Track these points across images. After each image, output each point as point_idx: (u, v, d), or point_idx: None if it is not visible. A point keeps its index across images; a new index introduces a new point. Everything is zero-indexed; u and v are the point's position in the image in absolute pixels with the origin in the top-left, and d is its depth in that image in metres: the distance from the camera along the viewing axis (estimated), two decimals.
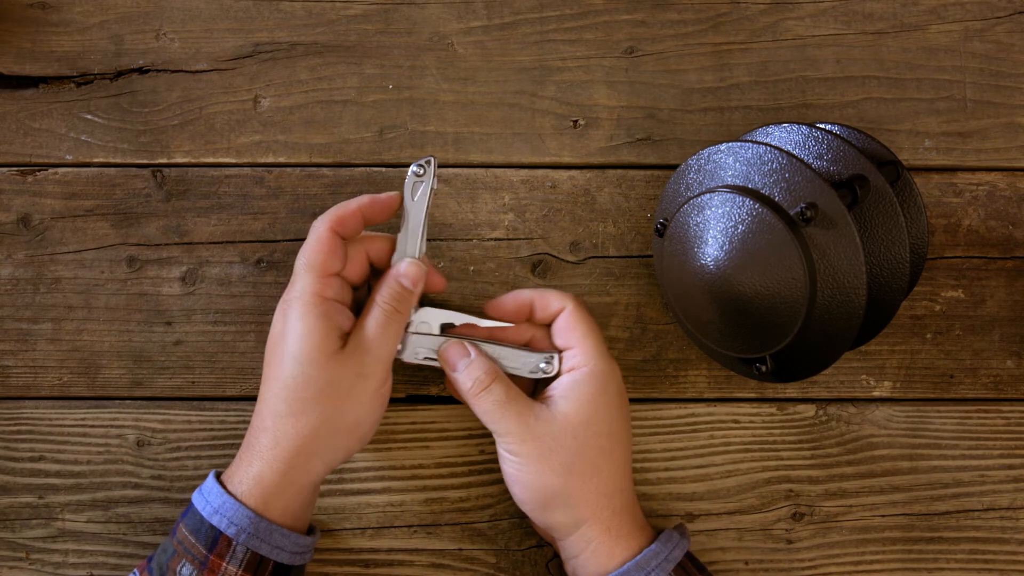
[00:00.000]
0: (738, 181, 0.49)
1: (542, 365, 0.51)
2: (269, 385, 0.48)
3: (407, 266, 0.50)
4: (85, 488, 0.56)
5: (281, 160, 0.58)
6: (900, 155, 0.58)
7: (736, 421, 0.57)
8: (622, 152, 0.58)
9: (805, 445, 0.57)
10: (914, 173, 0.58)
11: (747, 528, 0.56)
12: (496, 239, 0.58)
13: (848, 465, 0.57)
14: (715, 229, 0.49)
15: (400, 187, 0.54)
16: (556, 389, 0.49)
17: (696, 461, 0.57)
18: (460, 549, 0.56)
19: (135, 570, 0.48)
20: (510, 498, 0.56)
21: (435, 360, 0.51)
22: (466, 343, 0.50)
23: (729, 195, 0.48)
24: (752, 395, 0.57)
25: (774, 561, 0.56)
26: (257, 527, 0.46)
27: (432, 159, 0.50)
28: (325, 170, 0.58)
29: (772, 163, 0.48)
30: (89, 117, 0.58)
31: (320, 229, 0.49)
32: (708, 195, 0.49)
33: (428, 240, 0.57)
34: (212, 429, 0.56)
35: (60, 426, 0.56)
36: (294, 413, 0.47)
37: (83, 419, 0.56)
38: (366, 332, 0.48)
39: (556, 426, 0.47)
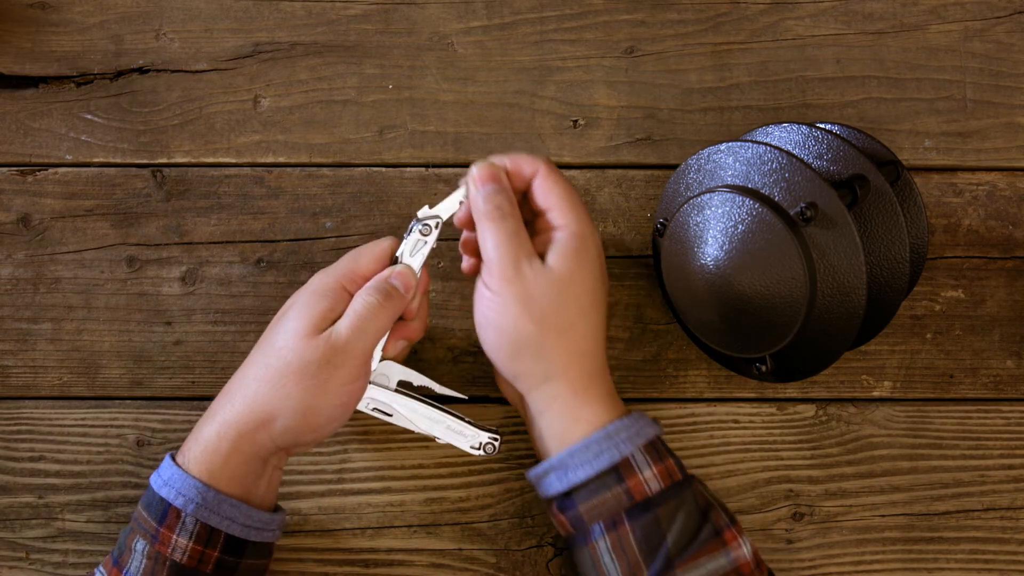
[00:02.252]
0: (738, 181, 0.49)
1: (484, 441, 0.51)
2: (247, 359, 0.49)
3: (402, 268, 0.50)
4: (85, 488, 0.56)
5: (281, 160, 0.58)
6: (900, 155, 0.58)
7: (736, 421, 0.57)
8: (622, 152, 0.58)
9: (805, 445, 0.57)
10: (914, 173, 0.58)
11: (747, 528, 0.56)
12: None
13: (848, 465, 0.57)
14: (715, 229, 0.49)
15: (400, 189, 0.54)
16: (553, 240, 0.49)
17: (696, 461, 0.56)
18: (460, 549, 0.56)
19: (100, 565, 0.47)
20: (510, 498, 0.56)
21: (386, 415, 0.51)
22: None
23: (729, 195, 0.48)
24: (752, 395, 0.57)
25: (774, 561, 0.56)
26: (204, 497, 0.46)
27: (440, 220, 0.50)
28: (325, 170, 0.58)
29: (772, 163, 0.48)
30: (89, 117, 0.58)
31: (332, 286, 0.49)
32: (708, 195, 0.49)
33: None
34: None
35: (60, 426, 0.56)
36: (257, 379, 0.47)
37: (83, 419, 0.56)
38: (342, 323, 0.48)
39: (543, 276, 0.47)
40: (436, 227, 0.50)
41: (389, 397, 0.51)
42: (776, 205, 0.47)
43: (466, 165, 0.58)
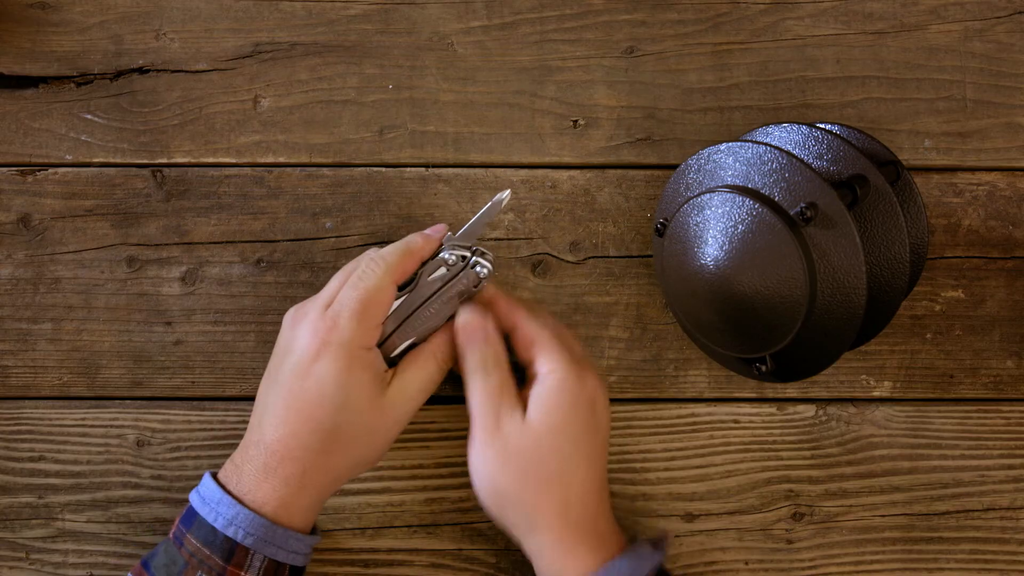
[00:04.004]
0: (738, 181, 0.49)
1: (470, 266, 0.49)
2: (302, 423, 0.47)
3: (467, 319, 0.50)
4: (85, 488, 0.56)
5: (281, 160, 0.58)
6: (900, 155, 0.58)
7: (736, 421, 0.57)
8: (622, 152, 0.58)
9: (805, 445, 0.57)
10: (914, 173, 0.58)
11: (747, 528, 0.56)
12: (496, 239, 0.58)
13: (848, 465, 0.57)
14: (715, 229, 0.49)
15: (400, 189, 0.54)
16: (532, 391, 0.49)
17: (696, 461, 0.57)
18: (460, 549, 0.56)
19: (129, 574, 0.47)
20: None
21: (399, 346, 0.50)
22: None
23: (729, 195, 0.48)
24: (752, 395, 0.57)
25: (774, 561, 0.56)
26: (274, 535, 0.46)
27: (473, 256, 0.50)
28: (325, 170, 0.58)
29: (772, 163, 0.48)
30: (89, 117, 0.58)
31: (384, 281, 0.48)
32: (708, 195, 0.49)
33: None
34: (212, 429, 0.56)
35: (60, 426, 0.56)
36: (328, 451, 0.47)
37: (83, 419, 0.56)
38: (415, 384, 0.49)
39: (522, 430, 0.47)
40: (466, 267, 0.49)
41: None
42: (776, 205, 0.47)
43: (466, 165, 0.58)
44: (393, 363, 0.50)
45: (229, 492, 0.47)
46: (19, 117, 0.58)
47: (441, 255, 0.49)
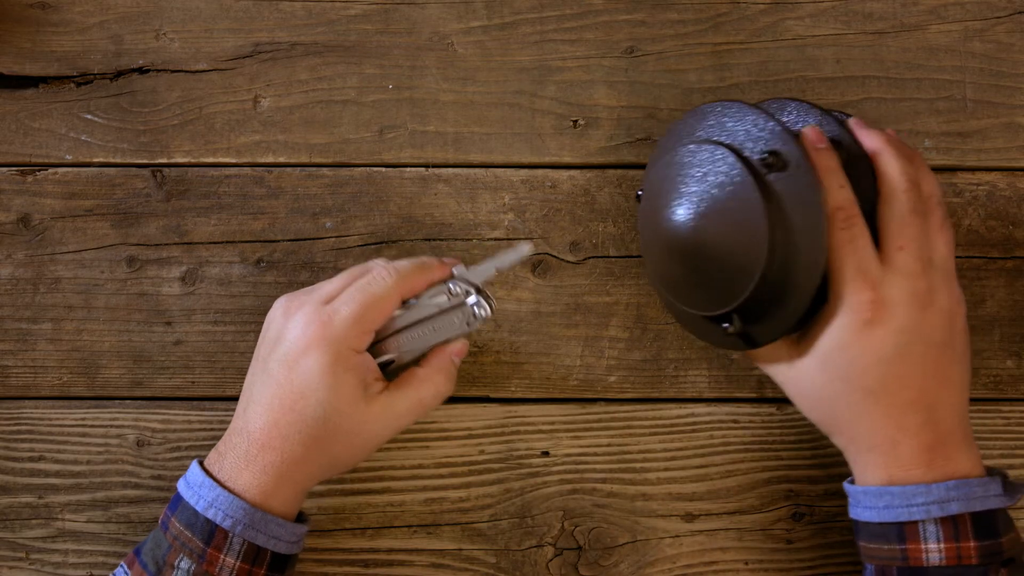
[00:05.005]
0: (706, 136, 0.49)
1: (473, 311, 0.50)
2: (283, 413, 0.47)
3: (461, 345, 0.51)
4: (85, 488, 0.56)
5: (281, 160, 0.58)
6: None
7: (736, 421, 0.57)
8: (622, 152, 0.58)
9: (805, 445, 0.57)
10: None
11: (747, 528, 0.56)
12: (496, 239, 0.58)
13: (848, 465, 0.57)
14: (680, 180, 0.49)
15: (400, 189, 0.54)
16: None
17: (696, 461, 0.57)
18: (460, 549, 0.56)
19: (122, 564, 0.48)
20: (510, 498, 0.56)
21: (387, 365, 0.51)
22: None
23: (695, 147, 0.48)
24: (752, 395, 0.57)
25: (774, 561, 0.56)
26: (253, 518, 0.46)
27: (476, 295, 0.50)
28: (325, 170, 0.58)
29: (736, 115, 0.48)
30: (89, 117, 0.58)
31: (392, 291, 0.49)
32: (676, 150, 0.49)
33: (429, 241, 0.57)
34: (212, 429, 0.56)
35: (60, 426, 0.56)
36: (305, 445, 0.47)
37: (83, 419, 0.56)
38: (405, 403, 0.49)
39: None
40: (469, 303, 0.50)
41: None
42: (739, 153, 0.47)
43: (466, 165, 0.58)
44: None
45: (212, 477, 0.47)
46: (19, 117, 0.58)
47: (448, 283, 0.50)
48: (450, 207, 0.58)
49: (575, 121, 0.58)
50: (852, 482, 0.49)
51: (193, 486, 0.47)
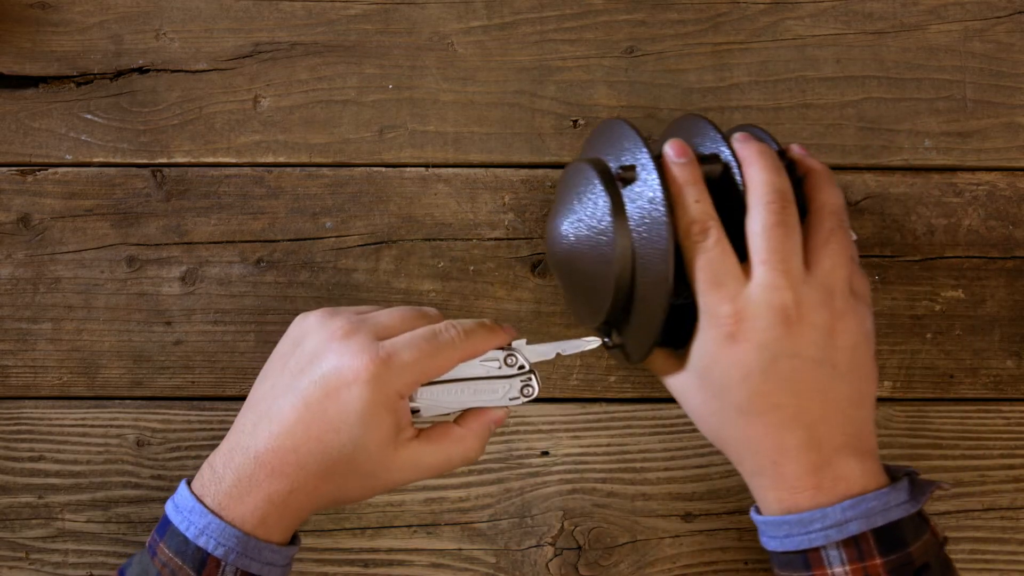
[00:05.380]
0: (591, 155, 0.51)
1: (518, 391, 0.48)
2: (308, 441, 0.44)
3: (503, 414, 0.49)
4: (85, 488, 0.56)
5: (281, 160, 0.58)
6: (900, 155, 0.58)
7: None
8: None
9: None
10: (914, 173, 0.58)
11: (747, 528, 0.56)
12: (496, 239, 0.58)
13: None
14: (562, 195, 0.50)
15: (400, 189, 0.54)
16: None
17: (696, 461, 0.56)
18: (460, 549, 0.56)
19: None
20: (510, 498, 0.56)
21: (415, 411, 0.48)
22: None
23: (575, 163, 0.50)
24: None
25: None
26: (247, 546, 0.44)
27: (522, 365, 0.48)
28: (325, 170, 0.58)
29: (611, 133, 0.49)
30: (89, 117, 0.58)
31: (458, 356, 0.47)
32: (567, 167, 0.51)
33: (429, 241, 0.57)
34: (212, 429, 0.56)
35: (60, 426, 0.56)
36: (322, 478, 0.45)
37: (83, 419, 0.56)
38: (433, 457, 0.47)
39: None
40: (521, 376, 0.48)
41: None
42: (604, 167, 0.48)
43: (466, 165, 0.58)
44: None
45: (203, 503, 0.45)
46: (19, 117, 0.58)
47: (505, 352, 0.48)
48: (450, 207, 0.58)
49: (575, 121, 0.58)
50: (758, 510, 0.48)
51: (183, 511, 0.45)
